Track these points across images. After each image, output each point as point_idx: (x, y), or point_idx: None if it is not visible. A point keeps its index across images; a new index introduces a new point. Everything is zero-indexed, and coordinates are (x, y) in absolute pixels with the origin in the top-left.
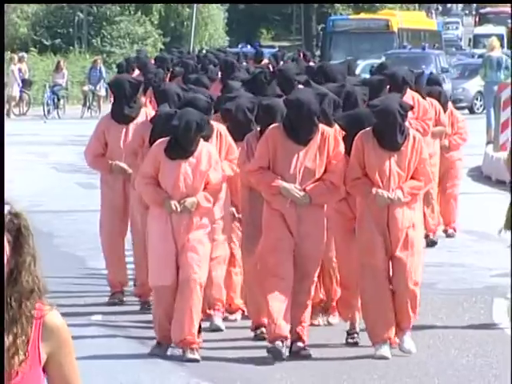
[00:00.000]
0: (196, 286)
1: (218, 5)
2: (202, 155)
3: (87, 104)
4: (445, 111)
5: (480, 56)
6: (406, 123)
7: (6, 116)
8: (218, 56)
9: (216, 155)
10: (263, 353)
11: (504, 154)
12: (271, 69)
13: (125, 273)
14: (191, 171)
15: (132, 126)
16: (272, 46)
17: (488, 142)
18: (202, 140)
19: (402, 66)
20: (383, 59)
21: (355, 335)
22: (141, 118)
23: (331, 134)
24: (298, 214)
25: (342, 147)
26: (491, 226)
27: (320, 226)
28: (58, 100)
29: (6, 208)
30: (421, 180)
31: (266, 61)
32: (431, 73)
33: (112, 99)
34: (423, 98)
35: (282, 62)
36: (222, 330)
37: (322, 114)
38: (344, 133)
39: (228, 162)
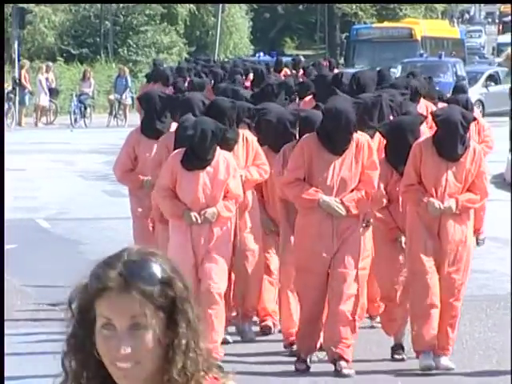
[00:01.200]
0: (216, 296)
1: (243, 14)
2: (220, 164)
3: (113, 113)
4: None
5: (499, 64)
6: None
7: (33, 125)
8: (236, 64)
9: (233, 162)
10: (291, 364)
11: None
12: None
13: None
14: (209, 181)
15: None
16: (291, 55)
17: (511, 149)
18: (218, 148)
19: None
20: (399, 68)
21: (401, 351)
22: None
23: (365, 143)
24: (335, 225)
25: (375, 156)
26: None
27: (356, 235)
28: (85, 109)
29: (158, 271)
30: (477, 194)
31: (286, 70)
32: (457, 81)
33: (141, 113)
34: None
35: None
36: (254, 341)
37: (358, 122)
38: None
39: (256, 167)
